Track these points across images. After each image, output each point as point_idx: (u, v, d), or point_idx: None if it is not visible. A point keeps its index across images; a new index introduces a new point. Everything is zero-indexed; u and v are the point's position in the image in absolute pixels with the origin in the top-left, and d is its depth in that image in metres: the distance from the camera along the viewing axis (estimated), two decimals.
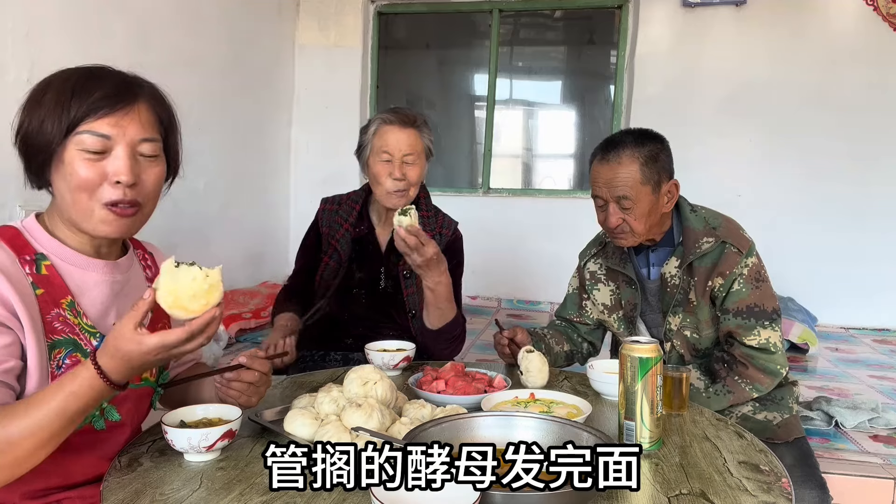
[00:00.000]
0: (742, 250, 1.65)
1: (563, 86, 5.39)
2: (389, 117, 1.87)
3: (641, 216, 1.64)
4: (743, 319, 1.65)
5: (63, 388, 0.95)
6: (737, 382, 1.64)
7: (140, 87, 1.11)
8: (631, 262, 1.79)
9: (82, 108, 1.04)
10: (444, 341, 1.84)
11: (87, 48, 2.75)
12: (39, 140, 1.05)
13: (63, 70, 1.10)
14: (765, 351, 1.64)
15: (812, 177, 4.30)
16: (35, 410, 0.94)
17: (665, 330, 1.74)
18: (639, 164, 1.62)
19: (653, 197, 1.64)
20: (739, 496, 0.97)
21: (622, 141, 1.65)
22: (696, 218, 1.71)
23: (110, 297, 1.15)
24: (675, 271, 1.71)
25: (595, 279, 1.88)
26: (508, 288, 4.80)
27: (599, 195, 1.68)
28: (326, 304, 1.94)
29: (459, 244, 2.01)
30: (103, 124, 1.05)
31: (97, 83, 1.06)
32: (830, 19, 4.28)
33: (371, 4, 4.93)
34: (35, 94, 1.07)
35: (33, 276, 1.06)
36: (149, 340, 0.94)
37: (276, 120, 4.72)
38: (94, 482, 1.11)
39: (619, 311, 1.84)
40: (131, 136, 1.07)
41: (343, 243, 1.94)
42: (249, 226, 4.37)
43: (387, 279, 1.95)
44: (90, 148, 1.04)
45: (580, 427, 1.05)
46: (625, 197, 1.62)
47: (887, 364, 3.44)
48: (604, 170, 1.65)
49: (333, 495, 0.94)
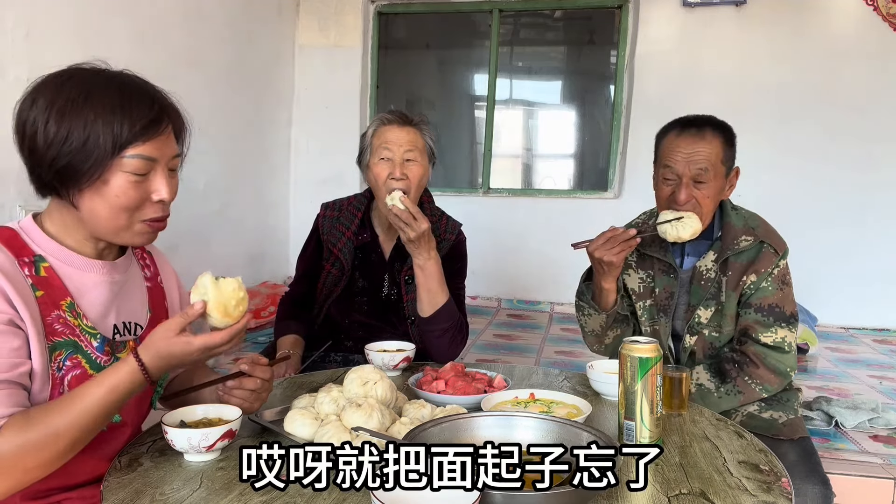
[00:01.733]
0: (779, 252, 1.68)
1: (563, 86, 5.39)
2: (387, 117, 1.85)
3: (712, 195, 1.64)
4: (763, 316, 1.66)
5: (104, 383, 1.01)
6: (747, 383, 1.65)
7: (167, 103, 1.12)
8: (670, 250, 1.79)
9: (133, 131, 1.03)
10: (439, 332, 1.78)
11: (88, 48, 2.73)
12: (79, 158, 1.02)
13: (84, 72, 1.07)
14: (778, 349, 1.65)
15: (812, 177, 4.31)
16: (78, 403, 0.99)
17: (692, 323, 1.73)
18: (720, 142, 1.64)
19: (724, 180, 1.67)
20: (739, 496, 0.97)
21: (702, 120, 1.67)
22: (737, 216, 1.73)
23: (110, 297, 1.15)
24: (710, 265, 1.71)
25: (626, 265, 1.84)
26: (508, 288, 4.80)
27: (673, 167, 1.64)
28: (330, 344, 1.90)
29: (463, 247, 1.98)
30: (151, 148, 1.06)
31: (141, 103, 1.06)
32: (830, 19, 4.28)
33: (371, 4, 4.94)
34: (70, 102, 1.02)
35: (32, 277, 1.06)
36: (196, 342, 1.04)
37: (276, 120, 4.72)
38: (95, 482, 1.11)
39: (648, 299, 1.81)
40: (168, 155, 1.10)
41: (345, 252, 1.91)
42: (249, 226, 4.37)
43: (390, 287, 1.93)
44: (138, 171, 1.05)
45: (580, 427, 1.05)
46: (705, 170, 1.61)
47: (887, 364, 3.44)
48: (684, 142, 1.64)
49: (333, 495, 0.94)
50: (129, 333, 1.18)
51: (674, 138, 1.67)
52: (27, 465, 0.95)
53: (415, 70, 5.52)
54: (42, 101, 1.04)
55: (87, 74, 1.07)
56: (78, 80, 1.06)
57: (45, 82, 1.06)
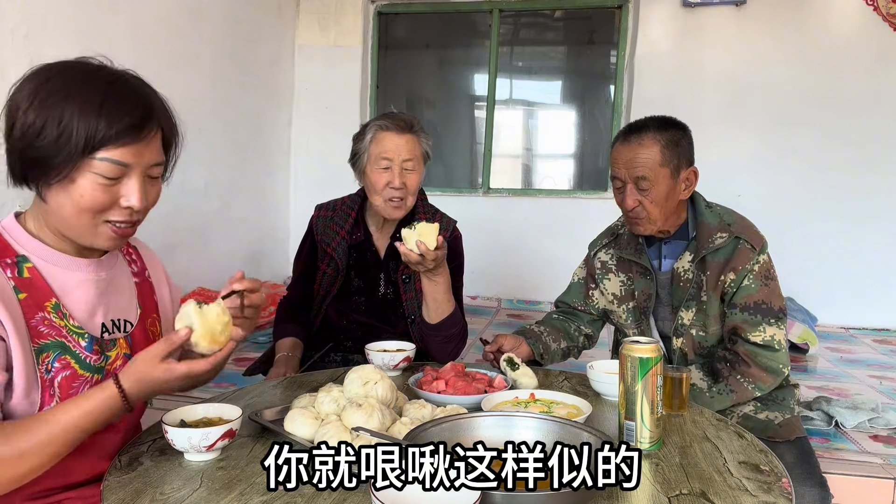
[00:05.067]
0: (756, 247, 1.68)
1: (563, 86, 5.38)
2: (386, 123, 1.83)
3: (658, 200, 1.66)
4: (750, 315, 1.66)
5: (79, 407, 0.98)
6: (739, 382, 1.65)
7: (156, 109, 1.07)
8: (645, 252, 1.80)
9: (108, 133, 0.99)
10: (444, 338, 1.82)
11: (87, 48, 2.72)
12: (49, 152, 0.99)
13: (79, 66, 1.05)
14: (769, 348, 1.64)
15: (812, 177, 4.30)
16: (47, 426, 0.96)
17: (676, 325, 1.74)
18: (660, 147, 1.65)
19: (671, 181, 1.67)
20: (740, 496, 0.97)
21: (645, 125, 1.69)
22: (712, 214, 1.74)
23: (96, 295, 1.14)
24: (687, 265, 1.72)
25: (606, 269, 1.89)
26: (508, 288, 4.80)
27: (618, 176, 1.70)
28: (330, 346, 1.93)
29: (459, 244, 1.99)
30: (126, 153, 1.02)
31: (125, 105, 1.02)
32: (830, 19, 4.28)
33: (371, 4, 4.93)
34: (53, 94, 1.00)
35: (15, 279, 1.04)
36: (178, 369, 1.02)
37: (276, 120, 4.72)
38: (95, 482, 1.11)
39: (630, 301, 1.84)
40: (146, 162, 1.06)
41: (339, 251, 1.91)
42: (249, 226, 4.37)
43: (387, 285, 1.93)
44: (107, 174, 1.01)
45: (580, 427, 1.05)
46: (643, 178, 1.65)
47: (887, 364, 3.44)
48: (625, 150, 1.68)
49: (334, 495, 0.94)
50: (118, 331, 1.17)
51: (617, 146, 1.72)
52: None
53: (415, 70, 5.51)
54: (28, 89, 1.02)
55: (79, 69, 1.04)
56: (68, 73, 1.03)
57: (38, 70, 1.04)
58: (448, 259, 1.87)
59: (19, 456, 0.94)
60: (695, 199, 1.77)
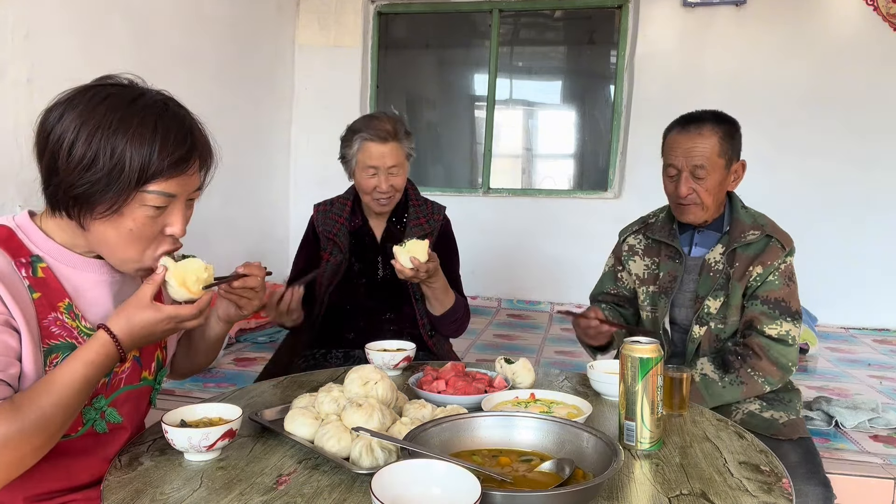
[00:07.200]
0: (785, 247, 1.75)
1: (563, 86, 5.38)
2: (370, 135, 1.93)
3: (712, 189, 1.74)
4: (770, 308, 1.72)
5: (80, 359, 0.99)
6: (749, 374, 1.69)
7: (197, 137, 1.08)
8: (677, 237, 1.86)
9: (161, 166, 1.00)
10: (450, 322, 1.99)
11: (87, 48, 2.75)
12: (100, 186, 0.98)
13: (120, 92, 1.02)
14: (782, 342, 1.69)
15: (812, 177, 4.31)
16: (58, 384, 0.96)
17: (701, 313, 1.79)
18: (718, 138, 1.73)
19: (724, 172, 1.75)
20: (740, 497, 0.97)
21: (702, 116, 1.77)
22: (747, 214, 1.82)
23: (110, 296, 1.14)
24: (719, 257, 1.78)
25: (632, 252, 1.95)
26: (508, 288, 4.80)
27: (674, 164, 1.76)
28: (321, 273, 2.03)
29: (450, 228, 2.12)
30: (173, 184, 1.03)
31: (173, 136, 1.02)
32: (830, 19, 4.28)
33: (371, 4, 4.94)
34: (102, 126, 0.98)
35: (30, 279, 1.04)
36: (165, 309, 1.05)
37: (276, 119, 4.72)
38: (99, 484, 1.10)
39: (651, 285, 1.89)
40: (189, 190, 1.08)
41: (341, 237, 2.03)
42: (249, 225, 4.37)
43: (384, 268, 2.03)
44: (155, 205, 1.03)
45: (580, 427, 1.05)
46: (701, 166, 1.72)
47: (887, 364, 3.44)
48: (683, 139, 1.75)
49: (334, 495, 0.94)
50: None
51: (675, 135, 1.78)
52: (24, 451, 0.91)
53: (415, 70, 5.51)
54: (71, 118, 0.99)
55: (123, 96, 1.02)
56: (113, 101, 1.00)
57: (76, 96, 1.01)
58: (442, 245, 2.02)
59: (45, 417, 0.93)
60: (733, 198, 1.85)
